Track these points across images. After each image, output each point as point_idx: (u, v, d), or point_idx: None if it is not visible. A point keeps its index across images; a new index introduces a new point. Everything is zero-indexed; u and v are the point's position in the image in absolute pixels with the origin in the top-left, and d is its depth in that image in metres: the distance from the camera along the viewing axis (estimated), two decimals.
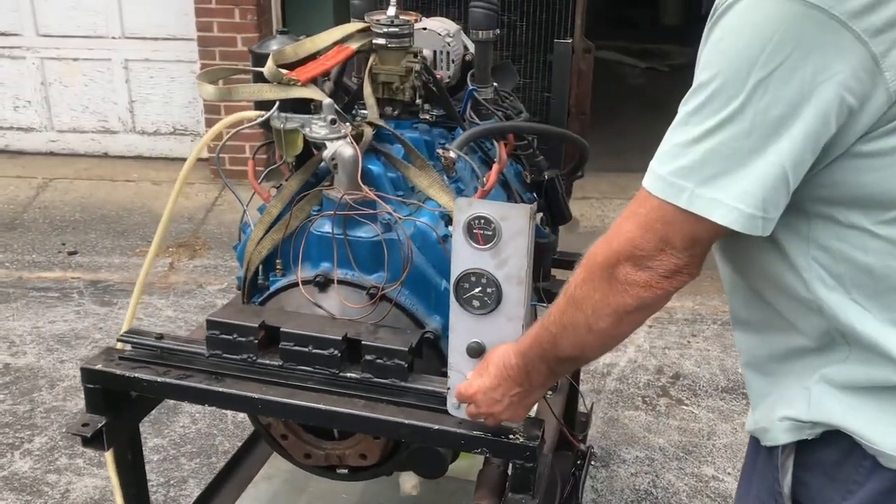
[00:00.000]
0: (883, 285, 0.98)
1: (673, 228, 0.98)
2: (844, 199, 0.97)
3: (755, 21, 0.91)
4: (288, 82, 1.55)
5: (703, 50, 0.98)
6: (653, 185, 0.99)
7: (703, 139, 0.95)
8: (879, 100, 0.90)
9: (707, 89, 0.94)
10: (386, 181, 1.63)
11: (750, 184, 0.93)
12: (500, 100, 1.97)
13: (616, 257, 1.03)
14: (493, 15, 1.84)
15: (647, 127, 6.52)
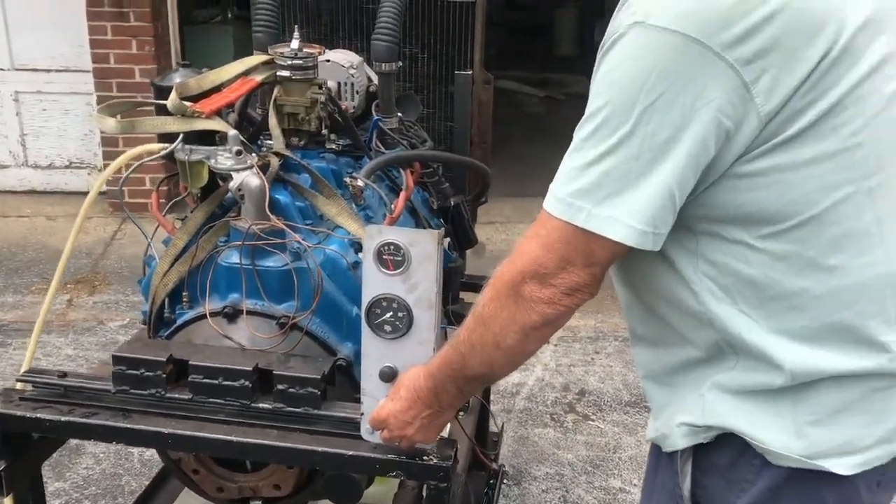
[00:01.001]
0: (765, 295, 1.06)
1: (573, 247, 1.04)
2: (727, 216, 1.04)
3: (639, 53, 0.98)
4: (192, 114, 1.55)
5: (594, 80, 1.04)
6: (553, 206, 1.04)
7: (596, 163, 1.01)
8: (752, 123, 0.98)
9: (598, 117, 1.01)
10: (294, 210, 1.64)
11: (640, 203, 1.00)
12: (405, 129, 2.02)
13: (521, 276, 1.07)
14: (395, 48, 1.89)
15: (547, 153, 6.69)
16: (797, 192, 1.01)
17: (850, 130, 0.99)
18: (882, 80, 1.00)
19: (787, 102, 0.96)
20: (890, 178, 1.05)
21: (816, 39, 0.96)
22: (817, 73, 0.96)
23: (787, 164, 1.00)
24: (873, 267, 1.06)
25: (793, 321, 1.06)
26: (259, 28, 1.89)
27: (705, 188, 1.03)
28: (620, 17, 1.01)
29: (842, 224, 1.03)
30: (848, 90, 0.98)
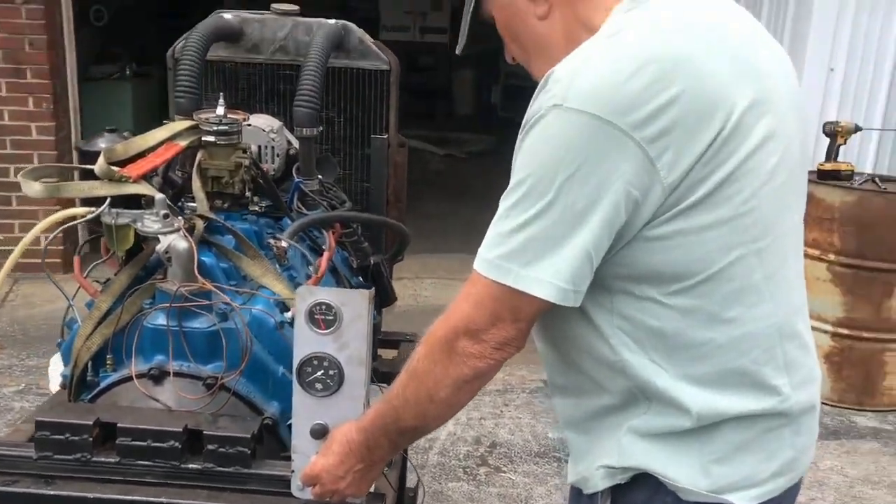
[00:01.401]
0: (673, 345, 1.16)
1: (502, 304, 1.13)
2: (638, 275, 1.15)
3: (559, 132, 1.09)
4: (120, 179, 1.57)
5: (518, 155, 1.15)
6: (483, 268, 1.13)
7: (522, 228, 1.11)
8: (657, 193, 1.09)
9: (523, 187, 1.11)
10: (219, 272, 1.67)
11: (562, 263, 1.10)
12: (325, 191, 2.08)
13: (454, 332, 1.16)
14: (315, 114, 1.96)
15: (450, 210, 6.85)
16: (698, 253, 1.13)
17: (741, 199, 1.12)
18: (766, 155, 1.14)
19: (688, 175, 1.09)
20: (775, 241, 1.18)
21: (711, 120, 1.08)
22: (712, 149, 1.09)
23: (688, 228, 1.11)
24: (764, 318, 1.19)
25: (698, 368, 1.17)
26: (181, 93, 1.93)
27: (618, 250, 1.13)
28: (541, 99, 1.12)
29: (736, 281, 1.15)
30: (738, 164, 1.11)
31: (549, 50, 1.26)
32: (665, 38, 1.11)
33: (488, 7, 1.32)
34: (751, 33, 1.23)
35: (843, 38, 4.08)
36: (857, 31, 4.08)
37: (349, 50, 2.28)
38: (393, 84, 2.33)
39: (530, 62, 1.32)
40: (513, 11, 1.28)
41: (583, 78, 1.09)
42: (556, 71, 1.12)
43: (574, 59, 1.12)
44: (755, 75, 1.15)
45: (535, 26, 1.27)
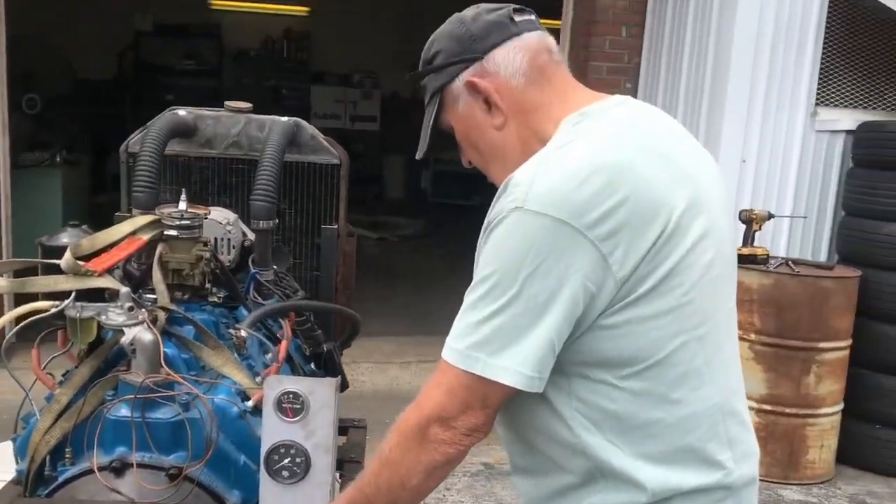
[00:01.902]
0: (627, 425, 1.26)
1: (472, 392, 1.22)
2: (593, 361, 1.25)
3: (520, 232, 1.20)
4: (85, 273, 1.61)
5: (482, 252, 1.25)
6: (453, 357, 1.22)
7: (489, 319, 1.20)
8: (610, 285, 1.21)
9: (489, 282, 1.21)
10: (181, 362, 1.71)
11: (528, 352, 1.19)
12: (279, 280, 2.14)
13: (427, 420, 1.24)
14: (272, 207, 2.04)
15: (385, 293, 6.92)
16: (645, 340, 1.24)
17: (682, 291, 1.24)
18: (702, 251, 1.27)
19: (636, 270, 1.21)
20: (714, 328, 1.31)
21: (654, 222, 1.21)
22: (656, 247, 1.21)
23: (637, 318, 1.23)
24: (707, 399, 1.30)
25: (651, 447, 1.27)
26: (140, 188, 1.99)
27: (576, 338, 1.24)
28: (502, 202, 1.23)
29: (681, 366, 1.27)
30: (678, 259, 1.24)
31: (506, 157, 1.38)
32: (610, 148, 1.25)
33: (447, 118, 1.44)
34: (682, 141, 1.38)
35: (753, 132, 4.39)
36: (766, 126, 4.40)
37: (301, 145, 2.38)
38: (343, 177, 2.43)
39: (488, 167, 1.44)
40: (472, 123, 1.40)
41: (540, 183, 1.21)
42: (515, 176, 1.24)
43: (531, 166, 1.25)
44: (689, 180, 1.29)
45: (492, 136, 1.39)
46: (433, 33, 1.47)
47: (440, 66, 1.41)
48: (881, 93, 4.66)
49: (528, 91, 1.37)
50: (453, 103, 1.41)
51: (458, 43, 1.39)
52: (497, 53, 1.37)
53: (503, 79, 1.36)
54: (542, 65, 1.38)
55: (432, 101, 1.44)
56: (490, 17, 1.39)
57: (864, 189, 4.13)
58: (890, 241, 3.98)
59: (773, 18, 4.30)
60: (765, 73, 4.33)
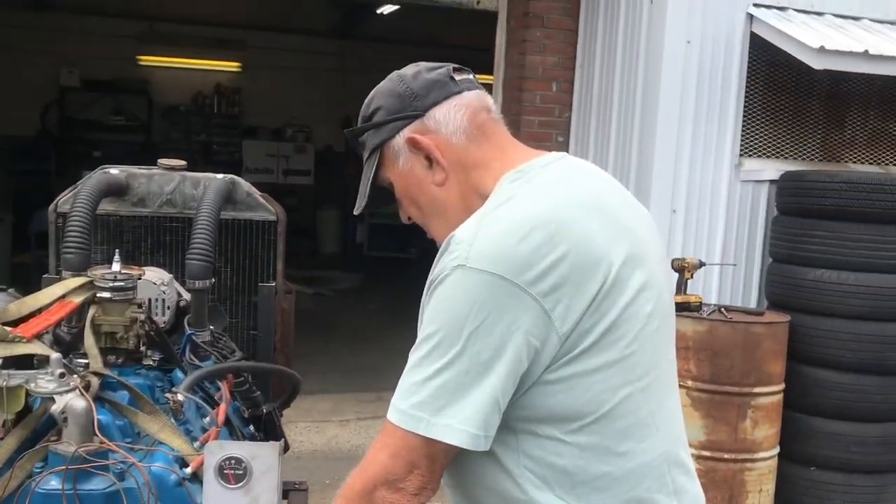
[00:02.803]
0: (575, 480, 1.25)
1: (417, 453, 1.20)
2: (540, 416, 1.25)
3: (463, 289, 1.20)
4: (13, 339, 1.55)
5: (426, 310, 1.24)
6: (396, 418, 1.20)
7: (432, 378, 1.19)
8: (553, 341, 1.21)
9: (432, 340, 1.20)
10: (115, 429, 1.64)
11: (472, 410, 1.18)
12: (215, 340, 2.09)
13: (373, 483, 1.21)
14: (208, 266, 2.00)
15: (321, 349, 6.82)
16: (591, 393, 1.24)
17: (625, 343, 1.25)
18: (642, 303, 1.28)
19: (578, 324, 1.21)
20: (656, 379, 1.32)
21: (595, 275, 1.23)
22: (597, 300, 1.22)
23: (581, 371, 1.23)
24: (653, 450, 1.30)
25: (599, 501, 1.26)
26: (71, 250, 1.93)
27: (522, 393, 1.23)
28: (444, 260, 1.23)
29: (626, 418, 1.27)
30: (619, 312, 1.25)
31: (446, 212, 1.39)
32: (549, 205, 1.26)
33: (386, 174, 1.44)
34: (618, 196, 1.41)
35: (681, 183, 4.51)
36: (693, 177, 4.53)
37: (237, 202, 2.36)
38: (280, 234, 2.41)
39: (428, 223, 1.45)
40: (412, 179, 1.41)
41: (481, 240, 1.21)
42: (456, 235, 1.25)
43: (472, 223, 1.25)
44: (626, 233, 1.31)
45: (432, 192, 1.40)
46: (372, 91, 1.47)
47: (380, 123, 1.41)
48: (801, 143, 4.86)
49: (469, 148, 1.38)
50: (394, 160, 1.41)
51: (399, 100, 1.40)
52: (437, 111, 1.38)
53: (444, 136, 1.38)
54: (482, 122, 1.39)
55: (371, 158, 1.44)
56: (430, 75, 1.40)
57: (789, 236, 4.26)
58: (816, 287, 4.11)
59: (695, 74, 4.46)
60: (690, 125, 4.48)
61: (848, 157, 4.99)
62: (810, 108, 4.85)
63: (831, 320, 4.06)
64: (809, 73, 4.53)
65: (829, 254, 4.08)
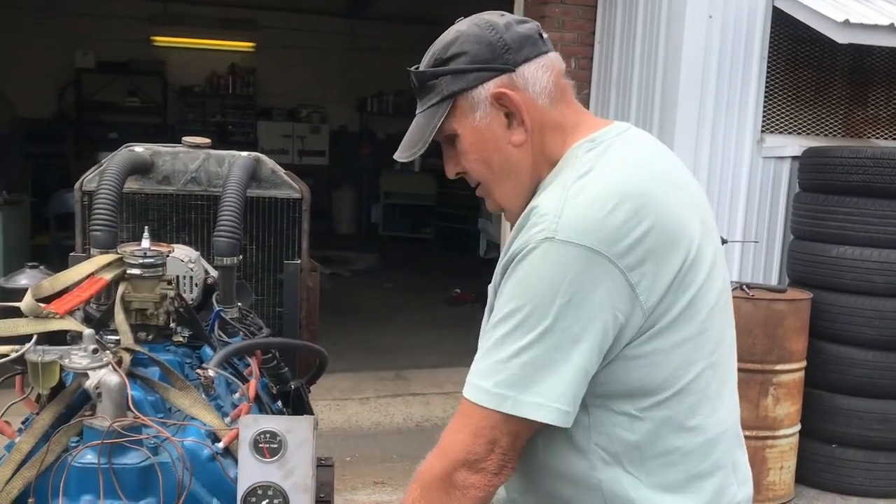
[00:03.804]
0: (646, 455, 1.25)
1: (499, 431, 1.18)
2: (616, 392, 1.24)
3: (552, 262, 1.17)
4: (47, 315, 1.56)
5: (507, 285, 1.21)
6: (479, 397, 1.18)
7: (518, 355, 1.17)
8: (637, 315, 1.20)
9: (517, 316, 1.18)
10: (147, 405, 1.65)
11: (562, 386, 1.17)
12: (243, 317, 2.10)
13: (453, 466, 1.19)
14: (235, 243, 2.00)
15: (340, 329, 6.86)
16: (669, 369, 1.23)
17: (700, 319, 1.24)
18: (714, 279, 1.28)
19: (662, 299, 1.20)
20: (723, 355, 1.32)
21: (678, 249, 1.21)
22: (680, 275, 1.21)
23: (662, 347, 1.22)
24: (720, 424, 1.30)
25: (668, 476, 1.26)
26: (99, 227, 1.93)
27: (601, 369, 1.22)
28: (528, 233, 1.20)
29: (698, 393, 1.26)
30: (698, 287, 1.24)
31: (518, 175, 1.33)
32: (631, 177, 1.24)
33: (454, 125, 1.33)
34: (681, 168, 1.39)
35: (702, 161, 4.48)
36: (715, 154, 4.50)
37: (261, 180, 2.35)
38: (305, 211, 2.41)
39: (495, 185, 1.36)
40: (488, 136, 1.32)
41: (568, 212, 1.18)
42: (539, 207, 1.21)
43: (555, 195, 1.22)
44: (697, 207, 1.30)
45: (508, 152, 1.33)
46: (452, 31, 1.35)
47: (463, 70, 1.31)
48: (824, 119, 4.81)
49: (550, 112, 1.33)
50: (469, 111, 1.32)
51: (490, 49, 1.30)
52: (527, 69, 1.31)
53: (530, 96, 1.31)
54: (564, 86, 1.35)
55: (442, 105, 1.33)
56: (521, 29, 1.33)
57: (811, 213, 4.24)
58: (838, 263, 4.08)
59: (717, 50, 4.42)
60: (711, 102, 4.44)
61: (871, 132, 4.93)
62: (833, 83, 4.79)
63: (854, 297, 4.04)
64: (832, 47, 4.48)
65: (852, 230, 4.06)
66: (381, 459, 4.42)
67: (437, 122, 1.32)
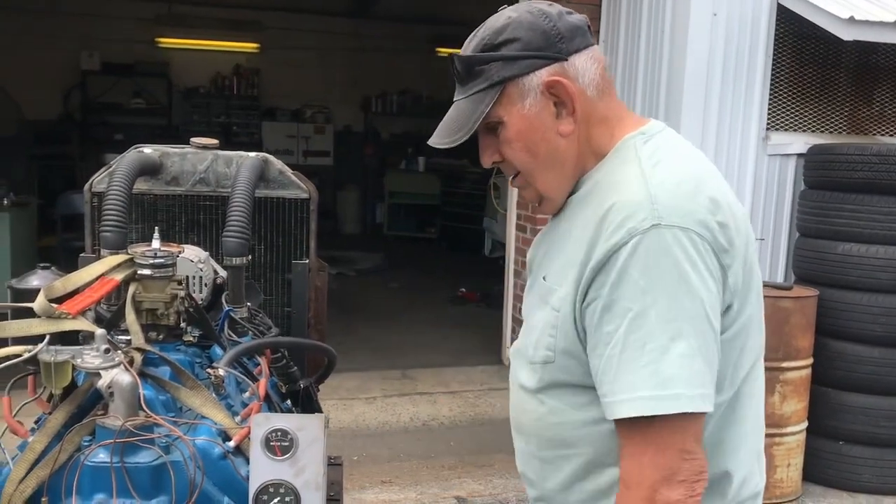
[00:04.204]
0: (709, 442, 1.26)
1: (684, 434, 1.15)
2: None
3: (667, 248, 1.16)
4: (59, 316, 1.57)
5: (627, 282, 1.17)
6: (649, 408, 1.14)
7: (669, 350, 1.13)
8: (725, 298, 1.21)
9: (651, 313, 1.15)
10: (158, 404, 1.66)
11: (712, 373, 1.17)
12: (252, 317, 2.11)
13: (652, 492, 1.14)
14: (245, 243, 2.01)
15: (346, 329, 6.86)
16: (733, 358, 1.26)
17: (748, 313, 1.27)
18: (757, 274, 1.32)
19: (736, 285, 1.22)
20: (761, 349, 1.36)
21: (742, 238, 1.25)
22: (747, 263, 1.26)
23: (730, 335, 1.24)
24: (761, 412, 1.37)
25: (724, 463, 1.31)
26: (109, 228, 1.95)
27: None
28: (628, 225, 1.18)
29: (752, 384, 1.32)
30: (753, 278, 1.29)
31: (563, 165, 1.32)
32: (700, 168, 1.28)
33: (500, 112, 1.30)
34: None
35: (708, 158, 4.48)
36: (720, 151, 4.50)
37: (269, 181, 2.36)
38: (312, 211, 2.42)
39: (539, 174, 1.34)
40: (536, 124, 1.30)
41: (663, 198, 1.18)
42: (621, 201, 1.20)
43: (634, 186, 1.22)
44: (738, 202, 1.33)
45: (556, 142, 1.31)
46: (501, 17, 1.32)
47: (516, 57, 1.28)
48: (829, 116, 4.81)
49: (597, 104, 1.32)
50: (518, 99, 1.30)
51: (544, 37, 1.28)
52: (578, 59, 1.30)
53: (580, 87, 1.30)
54: (608, 80, 1.35)
55: (491, 91, 1.29)
56: (572, 19, 1.32)
57: (817, 210, 4.24)
58: (844, 261, 4.08)
59: (722, 48, 4.42)
60: (716, 99, 4.44)
61: (876, 129, 4.93)
62: (838, 80, 4.79)
63: (860, 294, 4.04)
64: (838, 44, 4.48)
65: (858, 227, 4.06)
66: (388, 458, 4.43)
67: (484, 108, 1.29)
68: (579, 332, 1.25)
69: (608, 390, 1.17)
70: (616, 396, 1.16)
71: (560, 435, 1.34)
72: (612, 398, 1.16)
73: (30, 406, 1.75)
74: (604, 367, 1.18)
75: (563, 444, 1.34)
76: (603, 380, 1.18)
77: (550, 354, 1.30)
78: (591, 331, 1.22)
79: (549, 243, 1.42)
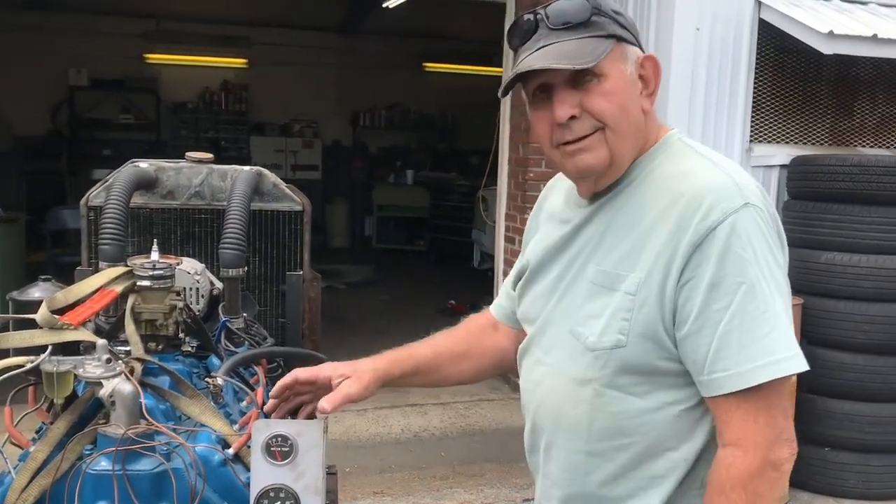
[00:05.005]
0: None
1: (782, 395, 1.27)
2: None
3: (759, 224, 1.28)
4: (61, 326, 1.60)
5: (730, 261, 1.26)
6: (781, 370, 1.24)
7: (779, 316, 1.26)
8: None
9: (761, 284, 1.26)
10: (158, 412, 1.70)
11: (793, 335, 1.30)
12: (248, 327, 2.15)
13: (768, 449, 1.24)
14: (241, 255, 2.06)
15: (336, 341, 6.89)
16: None
17: None
18: None
19: None
20: None
21: None
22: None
23: None
24: None
25: None
26: (107, 241, 1.98)
27: None
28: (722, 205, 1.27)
29: None
30: None
31: (637, 137, 1.40)
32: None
33: (606, 66, 1.33)
34: None
35: None
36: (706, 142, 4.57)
37: (264, 193, 2.41)
38: (306, 223, 2.46)
39: (622, 130, 1.37)
40: (631, 91, 1.38)
41: (743, 182, 1.32)
42: (703, 186, 1.30)
43: (714, 171, 1.33)
44: None
45: (638, 114, 1.40)
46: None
47: (625, 25, 1.38)
48: (811, 128, 4.90)
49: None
50: (623, 60, 1.37)
51: (631, 24, 1.41)
52: None
53: None
54: None
55: (605, 40, 1.34)
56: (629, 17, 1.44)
57: (800, 220, 4.31)
58: (827, 270, 4.15)
59: (705, 62, 4.50)
60: (700, 112, 4.52)
61: (857, 141, 5.02)
62: (819, 93, 4.88)
63: (843, 302, 4.11)
64: (818, 58, 4.56)
65: (840, 237, 4.13)
66: (379, 470, 4.45)
67: (606, 48, 1.33)
68: (665, 314, 1.30)
69: (732, 363, 1.23)
70: (745, 366, 1.23)
71: (617, 424, 1.37)
72: (740, 368, 1.23)
73: (30, 417, 1.78)
74: (720, 344, 1.24)
75: (620, 433, 1.37)
76: (720, 355, 1.24)
77: (622, 339, 1.33)
78: (693, 311, 1.27)
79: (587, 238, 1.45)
